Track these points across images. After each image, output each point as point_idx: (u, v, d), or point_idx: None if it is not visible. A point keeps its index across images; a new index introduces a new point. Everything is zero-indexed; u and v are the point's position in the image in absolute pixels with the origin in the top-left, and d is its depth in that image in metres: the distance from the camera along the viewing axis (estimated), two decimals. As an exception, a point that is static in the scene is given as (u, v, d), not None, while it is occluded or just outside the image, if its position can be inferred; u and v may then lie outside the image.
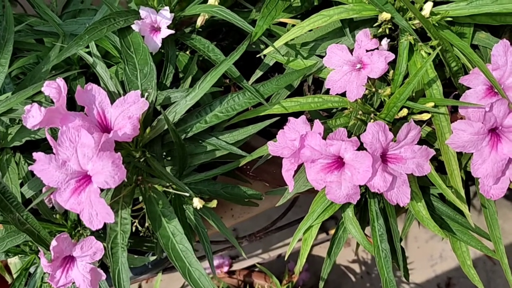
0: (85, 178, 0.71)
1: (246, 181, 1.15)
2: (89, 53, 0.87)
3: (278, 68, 1.03)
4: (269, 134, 0.96)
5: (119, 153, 0.69)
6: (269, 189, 1.03)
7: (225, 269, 1.94)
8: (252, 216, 1.55)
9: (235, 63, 0.85)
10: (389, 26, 0.80)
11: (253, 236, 1.56)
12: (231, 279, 1.91)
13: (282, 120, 0.84)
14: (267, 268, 1.62)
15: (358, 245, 0.92)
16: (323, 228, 1.96)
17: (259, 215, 1.61)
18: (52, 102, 0.75)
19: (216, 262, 1.95)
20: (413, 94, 0.82)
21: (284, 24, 0.96)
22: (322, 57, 0.87)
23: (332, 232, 1.40)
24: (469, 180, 0.90)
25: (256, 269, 1.93)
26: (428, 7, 0.76)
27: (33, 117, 0.72)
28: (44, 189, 0.82)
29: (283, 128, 0.81)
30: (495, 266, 2.03)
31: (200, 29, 0.95)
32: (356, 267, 2.08)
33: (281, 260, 1.98)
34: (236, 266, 1.97)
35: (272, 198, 0.99)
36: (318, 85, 1.10)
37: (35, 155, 0.69)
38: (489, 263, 2.05)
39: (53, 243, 0.74)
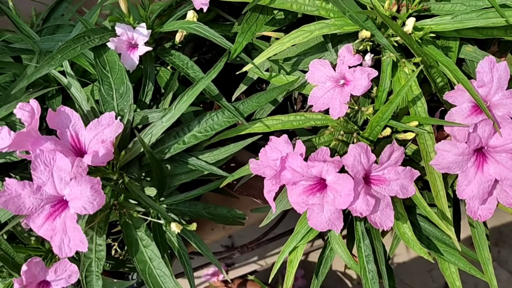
0: (61, 203, 0.68)
1: (234, 196, 1.13)
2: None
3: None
4: (257, 147, 0.93)
5: (98, 177, 0.66)
6: (258, 204, 1.01)
7: (221, 277, 1.92)
8: (244, 227, 1.52)
9: (222, 74, 0.82)
10: (370, 43, 0.77)
11: (245, 248, 1.54)
12: (226, 287, 1.89)
13: (270, 133, 0.81)
14: (263, 276, 1.59)
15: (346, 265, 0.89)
16: (320, 235, 1.93)
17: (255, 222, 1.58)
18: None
19: (211, 270, 1.92)
20: (398, 111, 0.80)
21: (268, 38, 0.94)
22: (305, 72, 0.84)
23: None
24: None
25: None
26: (410, 23, 0.73)
27: (2, 139, 0.71)
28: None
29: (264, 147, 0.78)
30: (495, 270, 2.00)
31: (180, 45, 0.93)
32: (352, 273, 2.05)
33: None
34: (232, 274, 1.95)
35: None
36: (306, 96, 1.07)
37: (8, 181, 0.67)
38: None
39: (24, 268, 0.71)
